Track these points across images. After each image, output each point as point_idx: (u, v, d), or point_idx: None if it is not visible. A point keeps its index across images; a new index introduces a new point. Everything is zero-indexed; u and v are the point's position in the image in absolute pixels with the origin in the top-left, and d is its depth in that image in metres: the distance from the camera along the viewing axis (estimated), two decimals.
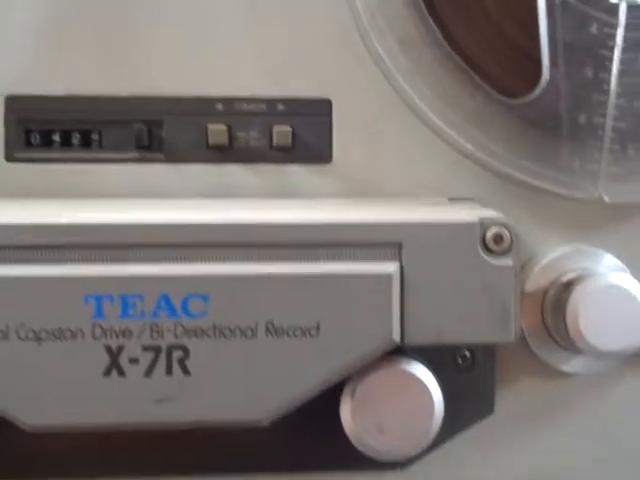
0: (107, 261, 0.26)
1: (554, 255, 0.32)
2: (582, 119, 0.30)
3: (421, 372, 0.29)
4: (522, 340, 0.33)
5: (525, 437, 0.33)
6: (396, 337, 0.27)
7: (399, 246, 0.27)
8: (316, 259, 0.27)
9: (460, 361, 0.32)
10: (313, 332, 0.27)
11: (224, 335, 0.26)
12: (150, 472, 0.31)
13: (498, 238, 0.28)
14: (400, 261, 0.27)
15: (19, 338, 0.26)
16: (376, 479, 0.32)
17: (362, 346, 0.27)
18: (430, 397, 0.29)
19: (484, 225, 0.28)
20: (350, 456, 0.32)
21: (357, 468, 0.32)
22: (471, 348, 0.32)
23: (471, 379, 0.32)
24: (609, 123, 0.30)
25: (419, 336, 0.27)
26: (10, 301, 0.25)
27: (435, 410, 0.29)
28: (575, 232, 0.33)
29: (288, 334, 0.26)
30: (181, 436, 0.31)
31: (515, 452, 0.33)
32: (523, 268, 0.32)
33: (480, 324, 0.27)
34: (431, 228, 0.27)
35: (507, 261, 0.27)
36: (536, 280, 0.32)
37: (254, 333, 0.26)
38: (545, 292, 0.32)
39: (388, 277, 0.27)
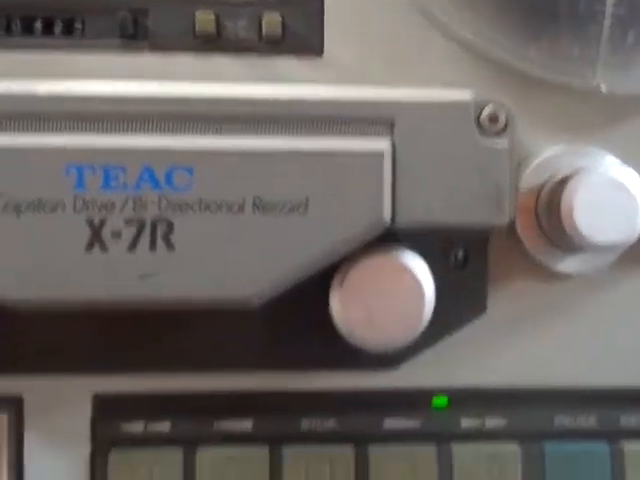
0: (89, 131, 0.25)
1: (549, 154, 0.32)
2: (582, 5, 0.29)
3: (413, 261, 0.29)
4: (516, 240, 0.32)
5: (518, 338, 0.32)
6: (387, 217, 0.26)
7: (391, 124, 0.26)
8: (306, 134, 0.26)
9: (453, 259, 0.32)
10: (301, 209, 0.26)
11: (210, 210, 0.25)
12: (134, 367, 0.31)
13: (493, 118, 0.27)
14: (392, 139, 0.26)
15: None
16: (366, 379, 0.32)
17: (352, 225, 0.26)
18: (421, 287, 0.29)
19: (479, 104, 0.27)
20: (340, 354, 0.31)
21: (346, 367, 0.32)
22: (464, 246, 0.32)
23: (463, 278, 0.32)
24: (609, 9, 0.29)
25: (410, 217, 0.26)
26: None
27: (426, 300, 0.29)
28: (573, 131, 0.32)
29: (276, 210, 0.26)
30: (167, 332, 0.31)
31: (507, 353, 0.32)
32: (517, 167, 0.31)
33: (473, 205, 0.26)
34: (425, 106, 0.26)
35: (502, 142, 0.27)
36: (530, 179, 0.32)
37: (241, 209, 0.26)
38: (539, 190, 0.32)
39: (379, 154, 0.26)
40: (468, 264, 0.32)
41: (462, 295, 0.32)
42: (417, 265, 0.29)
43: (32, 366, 0.30)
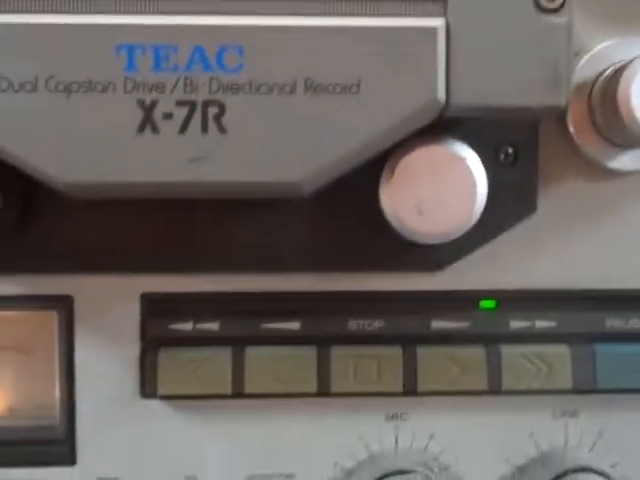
0: (140, 11, 0.25)
1: (603, 45, 0.31)
2: None
3: (466, 151, 0.28)
4: (567, 137, 0.31)
5: (568, 239, 0.32)
6: (441, 97, 0.25)
7: (445, 1, 0.26)
8: (358, 12, 0.25)
9: (502, 157, 0.31)
10: (354, 90, 0.25)
11: (261, 91, 0.25)
12: (183, 267, 0.31)
13: None
14: (446, 16, 0.25)
15: (48, 90, 0.25)
16: (414, 280, 0.32)
17: (406, 106, 0.25)
18: (474, 177, 0.28)
19: None
20: (389, 255, 0.31)
21: (394, 268, 0.31)
22: (514, 142, 0.31)
23: (513, 175, 0.31)
24: None
25: (465, 97, 0.25)
26: (40, 51, 0.24)
27: (478, 191, 0.28)
28: (627, 22, 0.31)
29: (328, 91, 0.25)
30: (216, 232, 0.31)
31: (557, 255, 0.32)
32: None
33: (529, 85, 0.25)
34: None
35: (561, 19, 0.26)
36: (583, 72, 0.31)
37: (292, 90, 0.25)
38: (593, 83, 0.31)
39: (433, 31, 0.25)
40: (518, 161, 0.31)
41: (511, 194, 0.31)
42: (469, 155, 0.28)
43: (82, 265, 0.30)
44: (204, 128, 0.25)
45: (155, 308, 0.31)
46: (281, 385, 0.31)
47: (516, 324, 0.32)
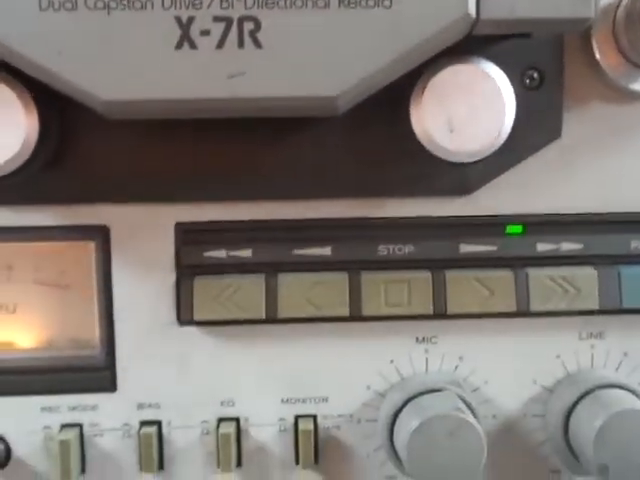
0: None
1: None
2: None
3: (495, 71, 0.29)
4: (592, 60, 0.32)
5: (593, 163, 0.32)
6: (472, 11, 0.26)
7: None
8: None
9: (528, 81, 0.32)
10: (386, 3, 0.26)
11: (296, 6, 0.25)
12: (216, 196, 0.31)
13: None
14: None
15: (87, 7, 0.25)
16: (441, 206, 0.32)
17: (437, 20, 0.26)
18: (503, 95, 0.29)
19: None
20: (417, 180, 0.32)
21: (422, 194, 0.32)
22: (539, 66, 0.31)
23: (539, 99, 0.31)
24: None
25: (495, 10, 0.26)
26: None
27: (507, 109, 0.29)
28: None
29: (362, 5, 0.26)
30: (248, 160, 0.32)
31: (583, 178, 0.32)
32: None
33: None
34: None
35: None
36: None
37: (327, 4, 0.26)
38: (617, 6, 0.31)
39: None
40: (543, 85, 0.31)
41: (537, 118, 0.31)
42: (499, 75, 0.29)
43: (117, 195, 0.31)
44: (240, 43, 0.25)
45: (189, 237, 0.32)
46: (314, 309, 0.32)
47: (543, 247, 0.33)
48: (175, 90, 0.26)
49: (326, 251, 0.32)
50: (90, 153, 0.31)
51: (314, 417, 0.33)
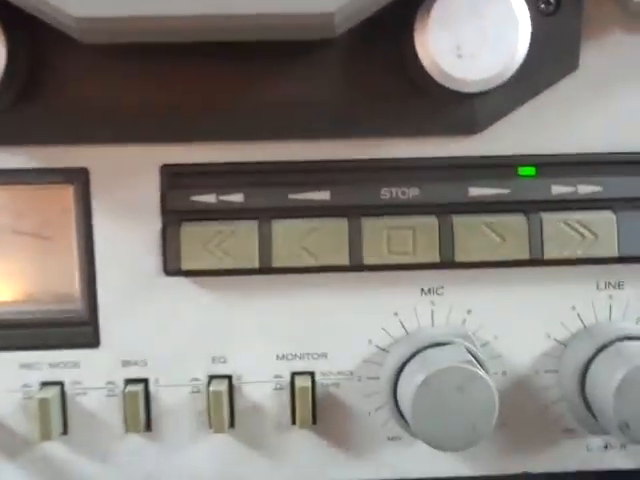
0: None
1: None
2: None
3: None
4: None
5: (613, 99, 0.30)
6: None
7: None
8: None
9: (542, 5, 0.29)
10: None
11: None
12: (204, 136, 0.29)
13: None
14: None
15: None
16: (448, 146, 0.30)
17: None
18: (516, 17, 0.26)
19: None
20: (421, 117, 0.29)
21: (427, 133, 0.29)
22: None
23: (554, 27, 0.29)
24: None
25: None
26: None
27: (520, 33, 0.26)
28: None
29: None
30: (238, 95, 0.29)
31: (601, 116, 0.30)
32: None
33: None
34: None
35: None
36: None
37: None
38: None
39: None
40: (559, 10, 0.29)
41: (552, 48, 0.29)
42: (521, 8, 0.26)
43: (97, 135, 0.29)
44: None
45: (176, 180, 0.29)
46: (311, 258, 0.30)
47: (558, 190, 0.30)
48: (156, 6, 0.23)
49: (324, 195, 0.30)
50: (65, 88, 0.28)
51: (312, 374, 0.31)
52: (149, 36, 0.24)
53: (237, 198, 0.30)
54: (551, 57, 0.29)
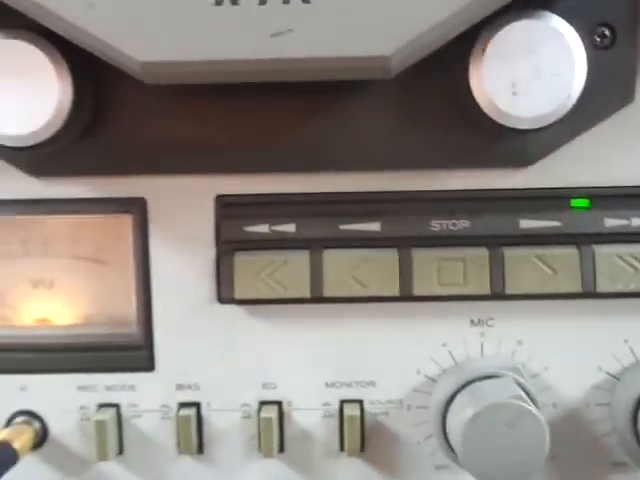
0: None
1: None
2: None
3: (563, 27, 0.26)
4: None
5: None
6: None
7: None
8: None
9: (598, 39, 0.29)
10: None
11: None
12: (258, 168, 0.29)
13: None
14: None
15: None
16: (500, 178, 0.29)
17: None
18: (573, 55, 0.26)
19: None
20: (474, 150, 0.29)
21: (480, 165, 0.29)
22: (611, 22, 0.29)
23: (610, 60, 0.29)
24: None
25: None
26: None
27: (576, 71, 0.26)
28: None
29: None
30: (293, 131, 0.30)
31: None
32: None
33: None
34: None
35: None
36: None
37: None
38: None
39: None
40: (615, 44, 0.29)
41: (607, 81, 0.29)
42: (567, 30, 0.26)
43: (155, 167, 0.29)
44: None
45: (230, 210, 0.30)
46: (361, 289, 0.30)
47: (611, 222, 0.30)
48: (215, 50, 0.24)
49: (375, 226, 0.30)
50: (126, 122, 0.29)
51: (360, 402, 0.31)
52: (209, 78, 0.25)
53: (289, 228, 0.30)
54: (606, 90, 0.29)
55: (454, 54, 0.27)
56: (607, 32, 0.29)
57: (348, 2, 0.23)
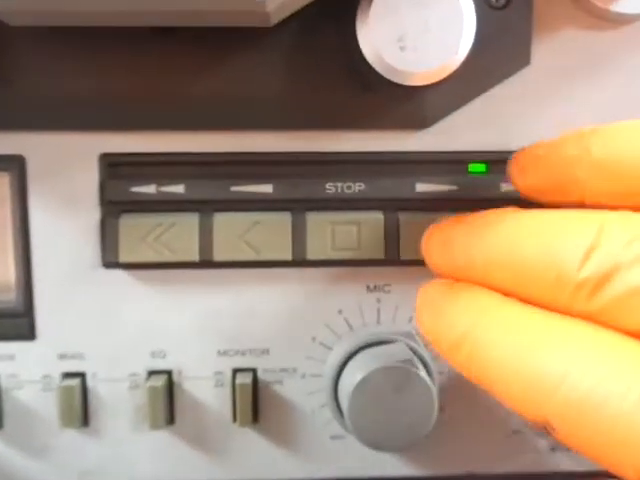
0: None
1: None
2: None
3: None
4: None
5: (564, 94, 0.29)
6: None
7: None
8: None
9: None
10: None
11: None
12: (144, 125, 0.28)
13: None
14: None
15: None
16: (396, 140, 0.29)
17: None
18: (460, 7, 0.26)
19: None
20: (368, 110, 0.28)
21: (375, 127, 0.29)
22: None
23: (505, 21, 0.28)
24: None
25: None
26: None
27: (465, 23, 0.25)
28: None
29: None
30: (180, 84, 0.28)
31: (552, 112, 0.29)
32: None
33: None
34: None
35: None
36: None
37: None
38: None
39: None
40: (510, 4, 0.28)
41: (503, 42, 0.28)
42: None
43: (34, 122, 0.28)
44: None
45: (115, 170, 0.29)
46: (253, 253, 0.29)
47: (506, 187, 0.30)
48: None
49: (267, 188, 0.29)
50: (2, 73, 0.27)
51: (254, 370, 0.30)
52: (76, 20, 0.23)
53: (178, 189, 0.29)
54: (502, 52, 0.28)
55: (342, 7, 0.26)
56: None
57: None
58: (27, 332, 0.29)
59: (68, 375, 0.30)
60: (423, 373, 0.27)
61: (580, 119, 0.29)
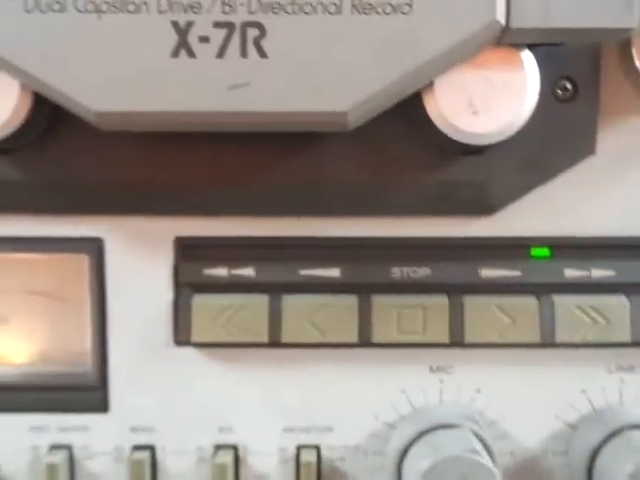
0: None
1: None
2: None
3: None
4: (632, 71, 0.29)
5: (629, 183, 0.29)
6: (501, 18, 0.23)
7: None
8: None
9: (560, 92, 0.29)
10: (406, 9, 0.23)
11: (304, 11, 0.23)
12: (218, 210, 0.29)
13: None
14: None
15: (78, 10, 0.23)
16: (461, 226, 0.29)
17: (460, 28, 0.23)
18: (524, 71, 0.26)
19: None
20: (434, 198, 0.29)
21: (440, 213, 0.29)
22: (573, 76, 0.29)
23: (571, 113, 0.29)
24: None
25: (527, 18, 0.23)
26: None
27: (529, 84, 0.25)
28: None
29: (377, 11, 0.23)
30: (254, 173, 0.29)
31: (616, 200, 0.29)
32: None
33: (598, 4, 0.24)
34: None
35: None
36: None
37: (338, 9, 0.23)
38: None
39: None
40: (577, 97, 0.29)
41: (569, 133, 0.29)
42: (524, 56, 0.25)
43: (113, 207, 0.29)
44: (243, 52, 0.23)
45: (189, 252, 0.30)
46: (320, 335, 0.30)
47: (571, 273, 0.30)
48: (171, 102, 0.23)
49: (334, 272, 0.30)
50: (84, 161, 0.28)
51: (317, 448, 0.31)
52: (165, 127, 0.25)
53: (248, 272, 0.30)
54: (568, 142, 0.29)
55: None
56: (569, 85, 0.29)
57: (305, 57, 0.23)
58: (101, 405, 0.31)
59: (139, 447, 0.31)
60: (489, 463, 0.27)
61: None
